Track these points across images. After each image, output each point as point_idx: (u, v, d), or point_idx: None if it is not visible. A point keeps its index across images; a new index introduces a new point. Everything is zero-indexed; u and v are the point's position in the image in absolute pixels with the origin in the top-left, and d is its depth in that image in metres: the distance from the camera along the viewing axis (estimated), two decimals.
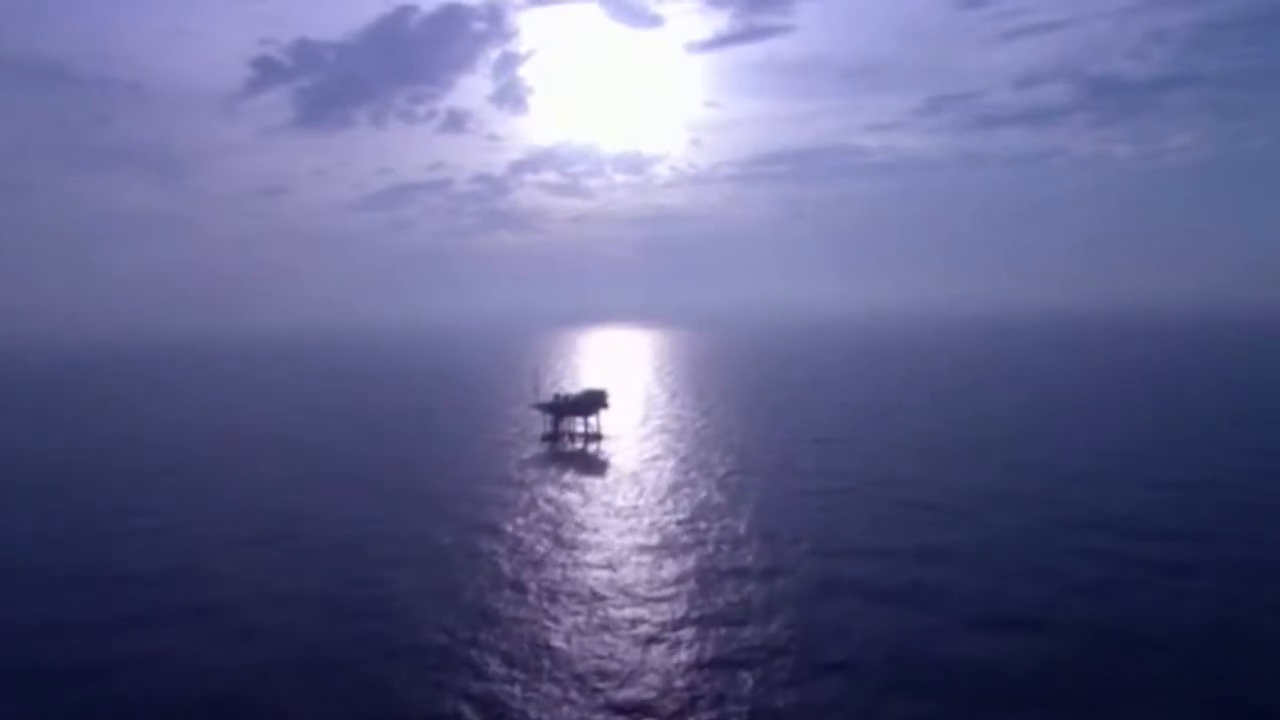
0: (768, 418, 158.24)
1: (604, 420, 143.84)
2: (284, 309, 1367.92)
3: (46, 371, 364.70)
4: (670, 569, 69.69)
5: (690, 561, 71.51)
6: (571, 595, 64.54)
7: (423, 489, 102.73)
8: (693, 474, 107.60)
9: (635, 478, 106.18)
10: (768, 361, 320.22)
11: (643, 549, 75.58)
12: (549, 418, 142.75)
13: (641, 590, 65.07)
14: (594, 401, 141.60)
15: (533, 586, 66.78)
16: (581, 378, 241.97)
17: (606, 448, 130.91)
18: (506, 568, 71.44)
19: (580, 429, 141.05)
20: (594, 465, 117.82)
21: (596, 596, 63.98)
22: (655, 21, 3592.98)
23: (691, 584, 65.84)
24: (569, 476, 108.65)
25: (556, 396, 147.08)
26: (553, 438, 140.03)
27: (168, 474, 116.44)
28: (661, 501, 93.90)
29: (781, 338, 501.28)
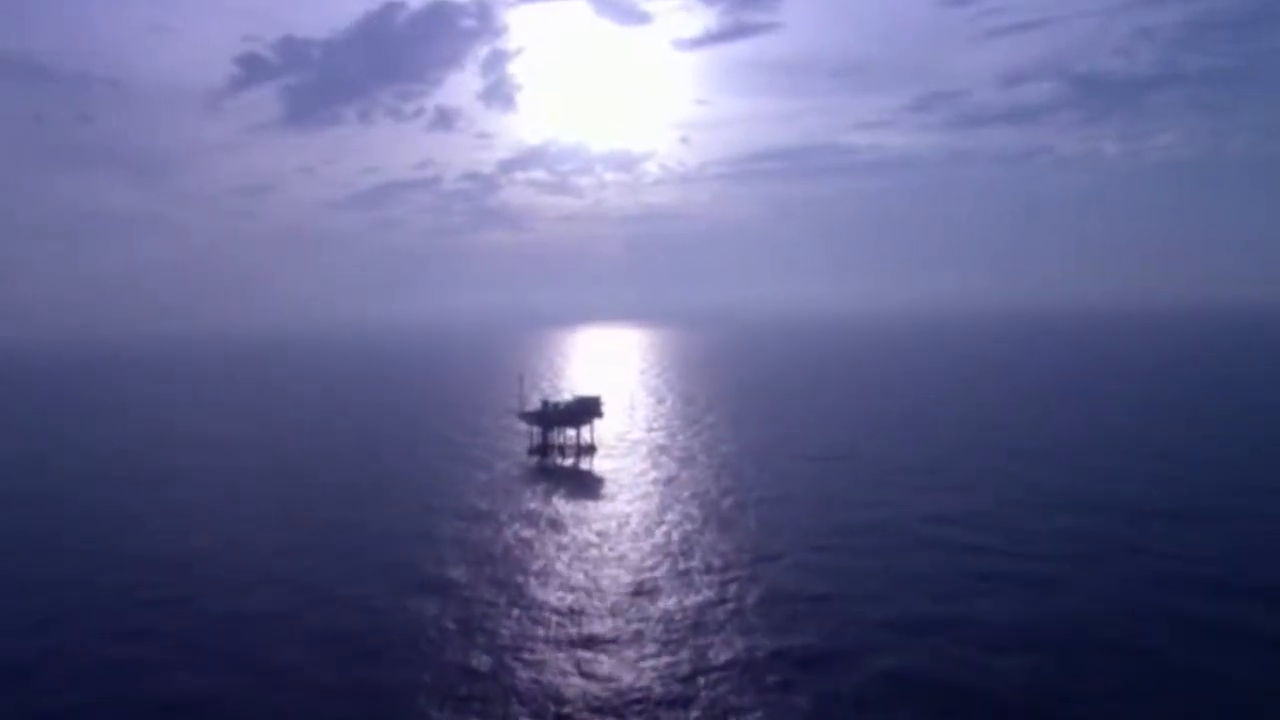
0: (766, 428, 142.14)
1: (598, 430, 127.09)
2: (269, 309, 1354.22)
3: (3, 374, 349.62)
4: (668, 652, 52.53)
5: (694, 640, 54.35)
6: (541, 695, 47.44)
7: (367, 524, 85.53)
8: (691, 502, 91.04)
9: (626, 514, 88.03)
10: (762, 361, 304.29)
11: (635, 620, 58.40)
12: (536, 429, 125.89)
13: (627, 684, 47.99)
14: (586, 410, 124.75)
15: (486, 675, 49.78)
16: (573, 382, 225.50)
17: (599, 465, 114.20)
18: (454, 647, 54.08)
19: (570, 441, 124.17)
20: (583, 489, 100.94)
21: (571, 701, 46.82)
22: (644, 18, 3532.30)
23: (696, 684, 48.39)
24: (550, 507, 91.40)
25: (545, 404, 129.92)
26: (540, 451, 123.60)
27: (66, 497, 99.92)
28: (650, 534, 78.73)
29: (775, 336, 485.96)
